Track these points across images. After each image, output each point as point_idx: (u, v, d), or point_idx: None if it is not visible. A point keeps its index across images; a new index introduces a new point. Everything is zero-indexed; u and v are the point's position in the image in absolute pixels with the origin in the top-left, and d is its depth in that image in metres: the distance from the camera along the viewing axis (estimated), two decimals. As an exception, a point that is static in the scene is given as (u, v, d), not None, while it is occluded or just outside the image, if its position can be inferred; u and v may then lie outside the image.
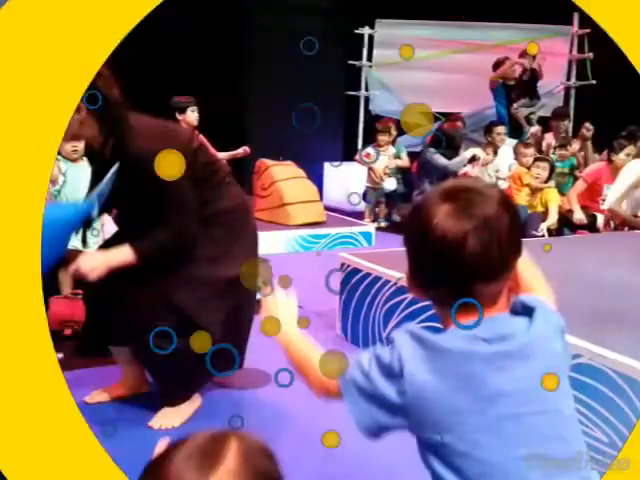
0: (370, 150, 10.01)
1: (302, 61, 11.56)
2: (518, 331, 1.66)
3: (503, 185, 8.76)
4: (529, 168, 8.50)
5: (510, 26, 11.43)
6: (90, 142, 3.59)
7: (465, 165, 9.04)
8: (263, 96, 11.62)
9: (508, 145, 9.55)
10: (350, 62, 11.73)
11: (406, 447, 1.84)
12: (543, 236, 7.77)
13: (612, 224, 7.85)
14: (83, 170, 5.06)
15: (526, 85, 10.53)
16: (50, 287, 5.16)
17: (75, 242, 3.77)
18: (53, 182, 5.30)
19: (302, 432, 3.65)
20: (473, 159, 9.07)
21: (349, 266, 5.02)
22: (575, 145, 9.62)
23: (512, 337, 1.64)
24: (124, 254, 3.46)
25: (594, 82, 11.11)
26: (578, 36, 11.46)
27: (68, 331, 4.79)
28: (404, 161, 10.05)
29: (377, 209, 10.04)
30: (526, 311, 1.71)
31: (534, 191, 8.39)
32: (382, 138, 9.90)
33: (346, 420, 1.70)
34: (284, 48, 11.46)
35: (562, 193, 8.66)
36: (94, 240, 4.66)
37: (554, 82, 11.67)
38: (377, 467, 3.31)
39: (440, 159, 8.93)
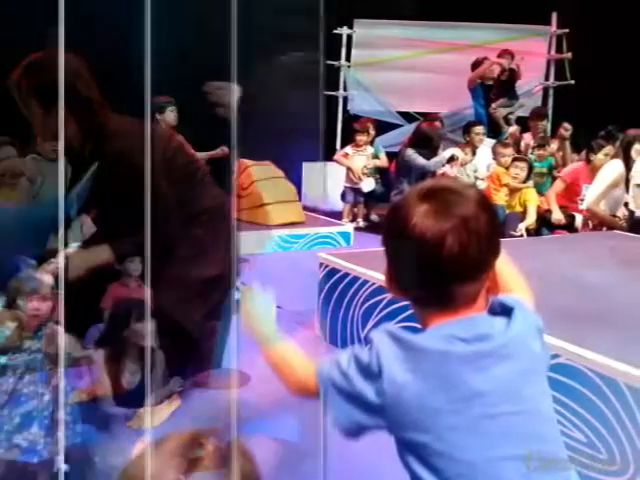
0: (348, 150, 10.00)
1: (280, 61, 11.58)
2: (496, 331, 1.66)
3: (481, 185, 8.76)
4: (507, 168, 8.52)
5: (488, 26, 11.44)
6: (69, 142, 3.58)
7: (444, 165, 9.06)
8: (241, 96, 11.60)
9: (487, 145, 9.56)
10: (328, 62, 11.69)
11: (384, 447, 1.85)
12: (522, 236, 7.79)
13: (590, 224, 7.88)
14: (62, 170, 5.04)
15: (504, 85, 10.55)
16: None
17: (54, 242, 3.76)
18: (32, 181, 5.28)
19: (281, 432, 3.64)
20: (452, 159, 9.08)
21: (328, 266, 5.02)
22: (553, 145, 9.65)
23: (490, 337, 1.64)
24: (103, 254, 3.45)
25: (572, 82, 11.14)
26: (557, 36, 11.50)
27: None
28: (382, 161, 10.03)
29: (355, 209, 10.03)
30: (504, 311, 1.71)
31: (512, 191, 8.42)
32: (360, 138, 9.88)
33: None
34: (262, 48, 11.46)
35: (540, 193, 8.68)
36: (73, 240, 4.64)
37: (532, 82, 11.70)
38: (355, 467, 3.30)
39: (418, 159, 8.93)
